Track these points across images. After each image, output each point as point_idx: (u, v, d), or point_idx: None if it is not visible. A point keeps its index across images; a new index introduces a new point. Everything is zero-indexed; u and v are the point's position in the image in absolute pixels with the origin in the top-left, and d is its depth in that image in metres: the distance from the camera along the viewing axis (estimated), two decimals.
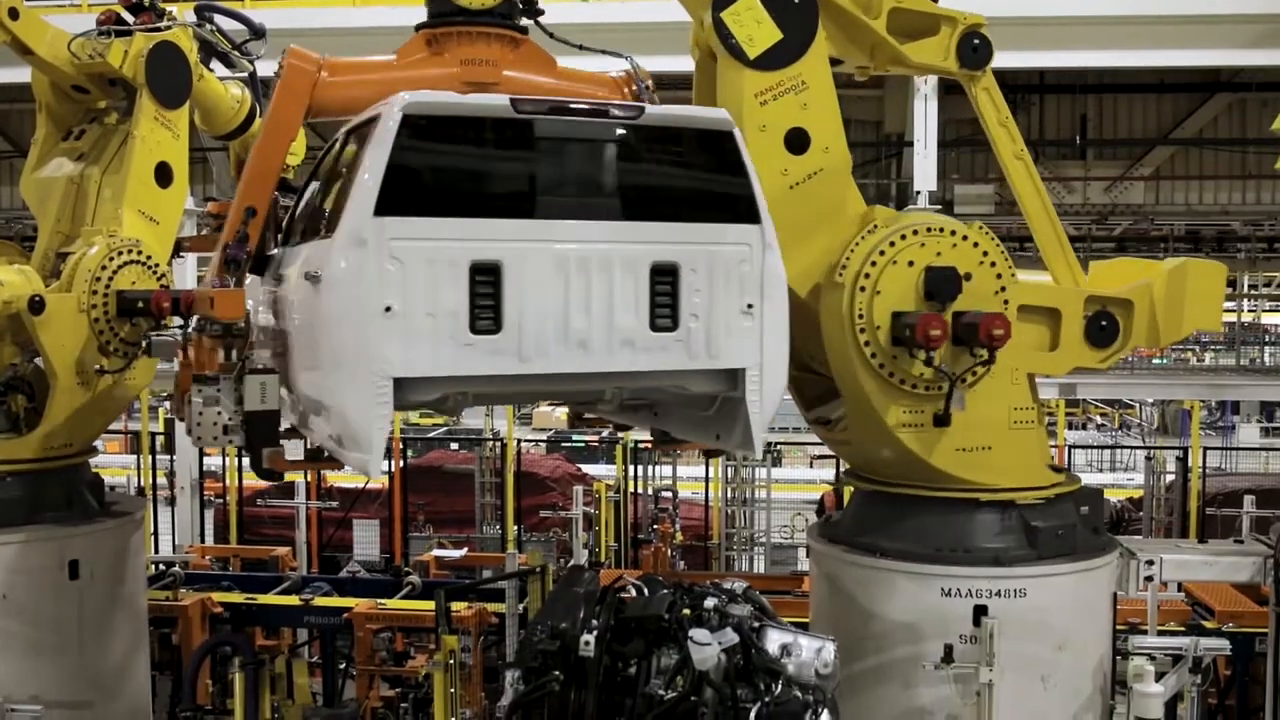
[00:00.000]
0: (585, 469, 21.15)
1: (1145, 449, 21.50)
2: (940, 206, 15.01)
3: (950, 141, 17.76)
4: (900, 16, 7.12)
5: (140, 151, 8.88)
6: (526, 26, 7.01)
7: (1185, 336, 7.94)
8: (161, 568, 11.96)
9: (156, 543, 16.97)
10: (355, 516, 17.31)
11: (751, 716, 5.28)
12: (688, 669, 5.34)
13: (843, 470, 10.32)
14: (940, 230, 6.83)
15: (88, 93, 9.25)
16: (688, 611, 5.70)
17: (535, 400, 6.89)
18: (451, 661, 9.02)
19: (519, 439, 19.46)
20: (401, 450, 18.62)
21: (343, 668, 12.06)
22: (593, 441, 24.78)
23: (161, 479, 17.51)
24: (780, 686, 5.41)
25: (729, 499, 17.50)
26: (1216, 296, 7.83)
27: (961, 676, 6.80)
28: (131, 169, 8.84)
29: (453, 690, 9.02)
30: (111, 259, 8.52)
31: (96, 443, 9.34)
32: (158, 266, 8.82)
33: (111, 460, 22.51)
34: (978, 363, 6.71)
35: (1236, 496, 16.41)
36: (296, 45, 6.76)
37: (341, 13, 14.38)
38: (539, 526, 17.66)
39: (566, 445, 26.27)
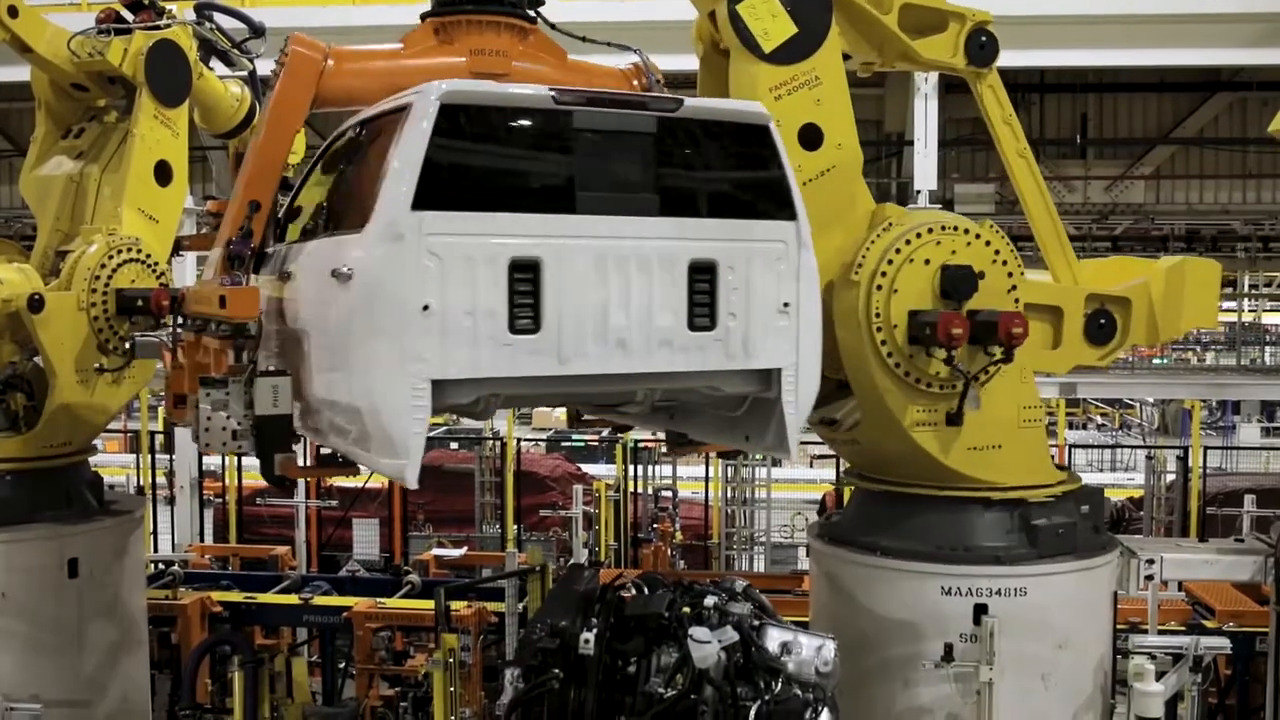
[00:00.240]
0: (585, 468, 21.14)
1: (1146, 448, 21.49)
2: (940, 206, 15.00)
3: (950, 141, 17.76)
4: (910, 12, 7.09)
5: (140, 150, 8.86)
6: (535, 16, 6.81)
7: (1183, 334, 7.94)
8: (161, 567, 11.96)
9: (156, 542, 16.96)
10: (355, 515, 17.30)
11: (751, 715, 5.27)
12: (688, 667, 5.34)
13: (843, 470, 10.31)
14: (954, 228, 6.80)
15: (87, 91, 9.24)
16: (687, 610, 5.69)
17: (567, 403, 6.48)
18: (451, 660, 9.02)
19: (518, 438, 19.45)
20: None
21: (342, 667, 12.07)
22: (592, 441, 24.77)
23: (161, 478, 17.50)
24: (780, 685, 5.40)
25: (729, 498, 17.50)
26: (1213, 294, 7.85)
27: (961, 675, 6.78)
28: (131, 167, 8.83)
29: (452, 689, 9.02)
30: (111, 257, 8.52)
31: (96, 441, 9.34)
32: (157, 265, 8.81)
33: (111, 460, 22.52)
34: (994, 361, 6.67)
35: (1237, 496, 16.42)
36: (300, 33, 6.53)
37: (341, 11, 14.36)
38: (539, 526, 17.67)
39: (566, 445, 26.27)
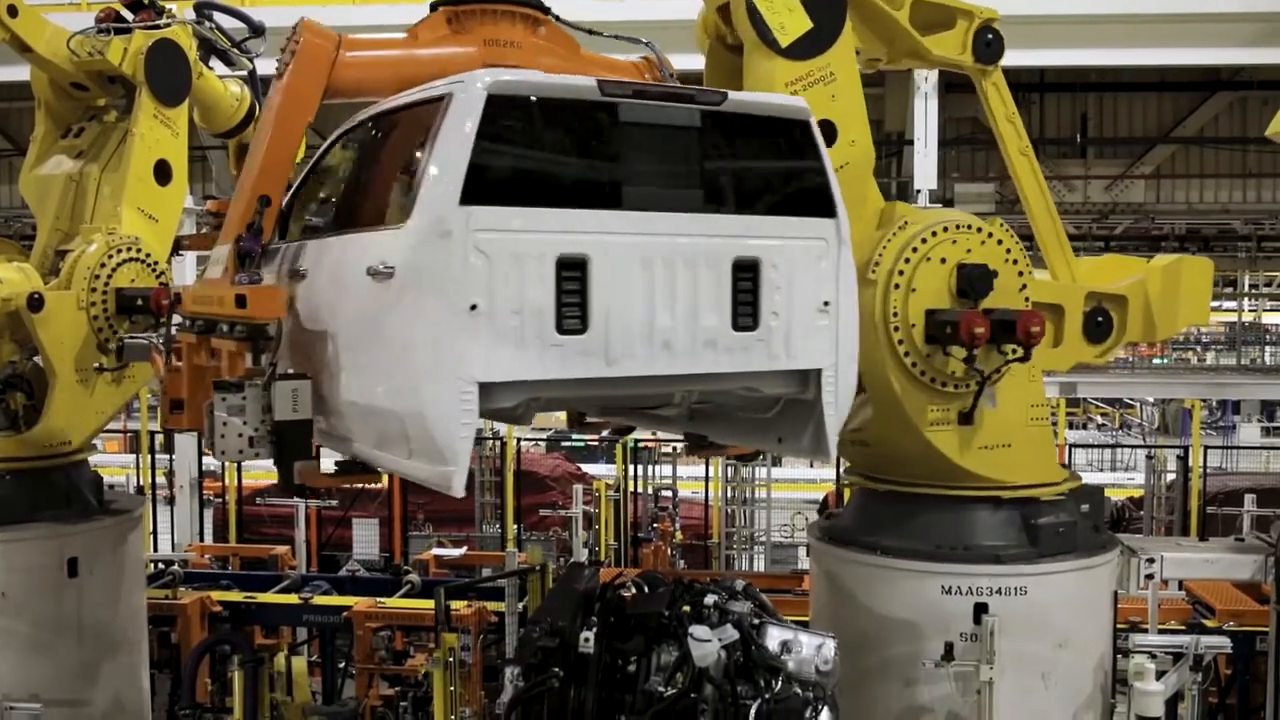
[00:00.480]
0: (585, 468, 21.15)
1: (1146, 448, 21.49)
2: (940, 205, 15.00)
3: (950, 140, 17.75)
4: (921, 9, 7.08)
5: (139, 149, 8.86)
6: (548, 7, 6.63)
7: (1179, 332, 7.94)
8: (160, 566, 11.96)
9: (156, 541, 16.96)
10: (354, 515, 17.30)
11: (752, 713, 5.25)
12: (688, 666, 5.32)
13: (844, 469, 10.30)
14: (969, 227, 6.80)
15: (87, 90, 9.24)
16: (688, 608, 5.67)
17: (606, 406, 6.18)
18: (451, 660, 9.01)
19: (518, 438, 19.44)
20: None
21: (342, 666, 12.06)
22: (592, 441, 24.76)
23: (160, 478, 17.49)
24: (780, 683, 5.38)
25: (729, 498, 17.50)
26: (1207, 293, 7.88)
27: (962, 674, 6.77)
28: (131, 166, 8.83)
29: (452, 689, 9.01)
30: (110, 256, 8.52)
31: (95, 441, 9.34)
32: (157, 264, 8.81)
33: (111, 460, 22.52)
34: (1011, 360, 6.66)
35: (1237, 495, 16.42)
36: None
37: (342, 11, 14.37)
38: (539, 525, 17.67)
39: (566, 444, 26.26)
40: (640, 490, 18.05)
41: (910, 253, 6.64)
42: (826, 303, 5.44)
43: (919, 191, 13.91)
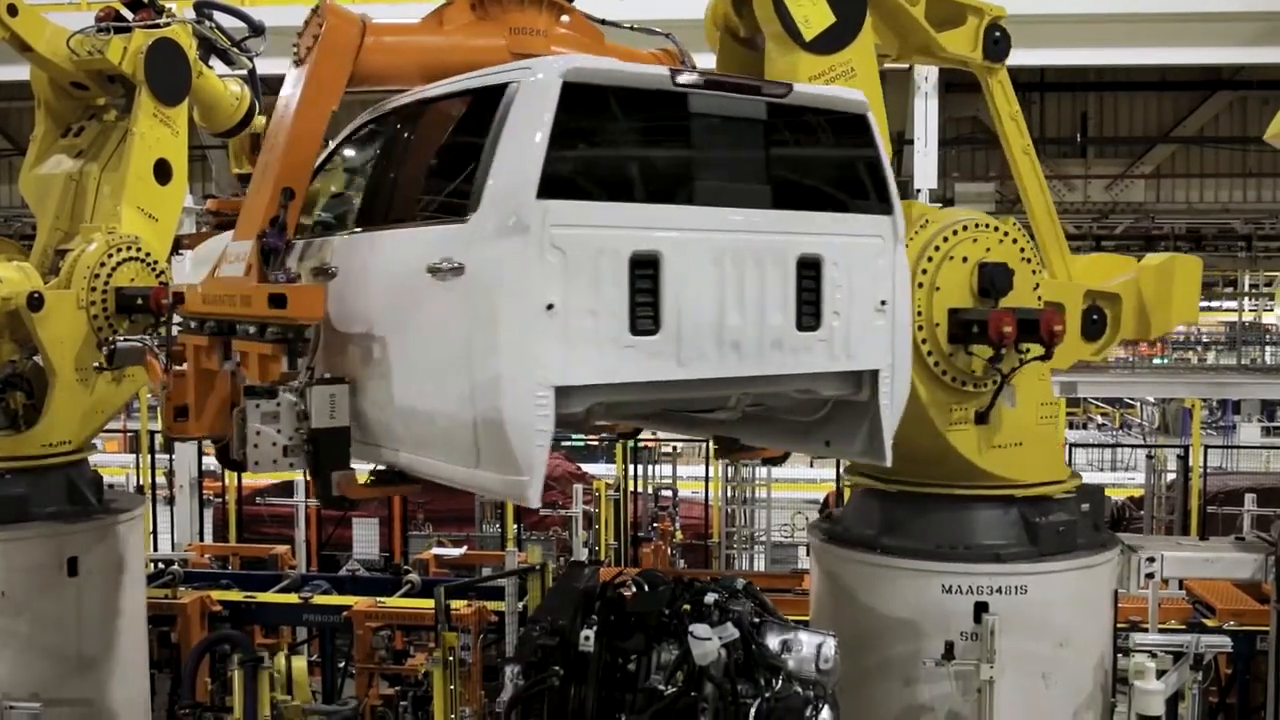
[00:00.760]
0: (585, 468, 21.14)
1: (1146, 447, 21.48)
2: (940, 205, 14.99)
3: (950, 140, 17.74)
4: (936, 6, 7.06)
5: (139, 148, 8.86)
6: None
7: (1171, 329, 7.95)
8: (160, 566, 11.96)
9: (155, 541, 16.95)
10: (354, 515, 17.29)
11: (752, 712, 5.24)
12: (688, 664, 5.30)
13: (845, 469, 10.30)
14: (987, 225, 6.79)
15: (87, 89, 9.23)
16: (688, 607, 5.66)
17: (667, 411, 6.24)
18: (451, 659, 9.01)
19: None
20: None
21: (342, 666, 12.07)
22: (592, 441, 24.75)
23: (160, 478, 17.49)
24: (780, 682, 5.37)
25: (729, 498, 17.49)
26: (1197, 291, 7.89)
27: (962, 673, 6.76)
28: (130, 166, 8.83)
29: (452, 688, 9.01)
30: (110, 256, 8.52)
31: (95, 441, 9.33)
32: (157, 264, 8.81)
33: (110, 459, 22.52)
34: (1032, 359, 6.63)
35: (1237, 495, 16.42)
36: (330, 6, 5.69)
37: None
38: (539, 525, 17.64)
39: (566, 444, 26.26)
40: (640, 490, 18.05)
41: (933, 251, 6.59)
42: (884, 302, 5.32)
43: (919, 191, 13.89)
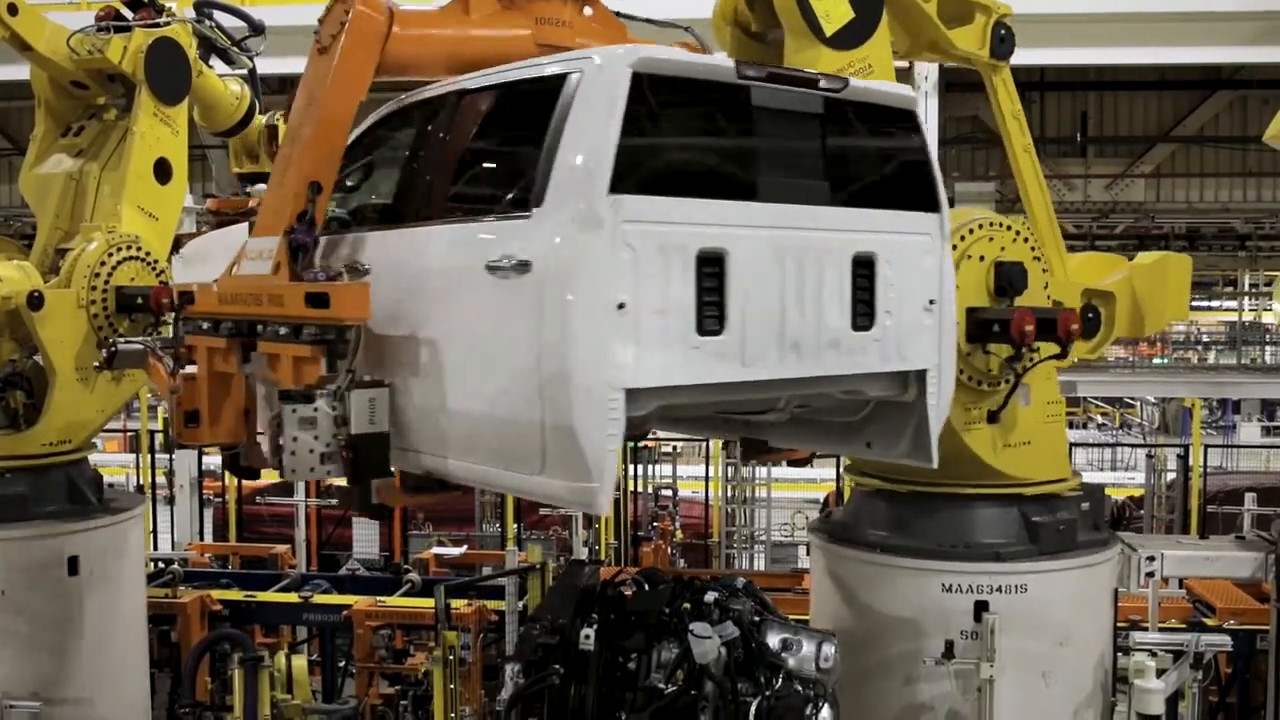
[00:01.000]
0: None
1: (1146, 447, 21.48)
2: None
3: (950, 139, 17.75)
4: (947, 3, 7.06)
5: (139, 147, 8.86)
6: None
7: (1164, 327, 7.97)
8: (160, 565, 11.96)
9: (156, 540, 16.94)
10: (354, 514, 17.28)
11: (752, 711, 5.25)
12: (688, 663, 5.31)
13: (845, 468, 10.30)
14: (1001, 225, 6.79)
15: (87, 89, 9.23)
16: (688, 606, 5.66)
17: (719, 414, 6.08)
18: (451, 658, 9.01)
19: None
20: None
21: (342, 665, 12.06)
22: None
23: (160, 477, 17.49)
24: (781, 681, 5.38)
25: (729, 497, 17.49)
26: (1188, 289, 7.93)
27: (962, 672, 6.77)
28: (130, 165, 8.83)
29: (452, 687, 9.01)
30: (110, 255, 8.52)
31: (95, 440, 9.33)
32: (157, 263, 8.81)
33: (110, 459, 22.51)
34: (1047, 357, 6.63)
35: (1237, 494, 16.40)
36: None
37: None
38: (539, 524, 17.64)
39: None
40: (640, 489, 18.04)
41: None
42: (932, 301, 5.27)
43: None
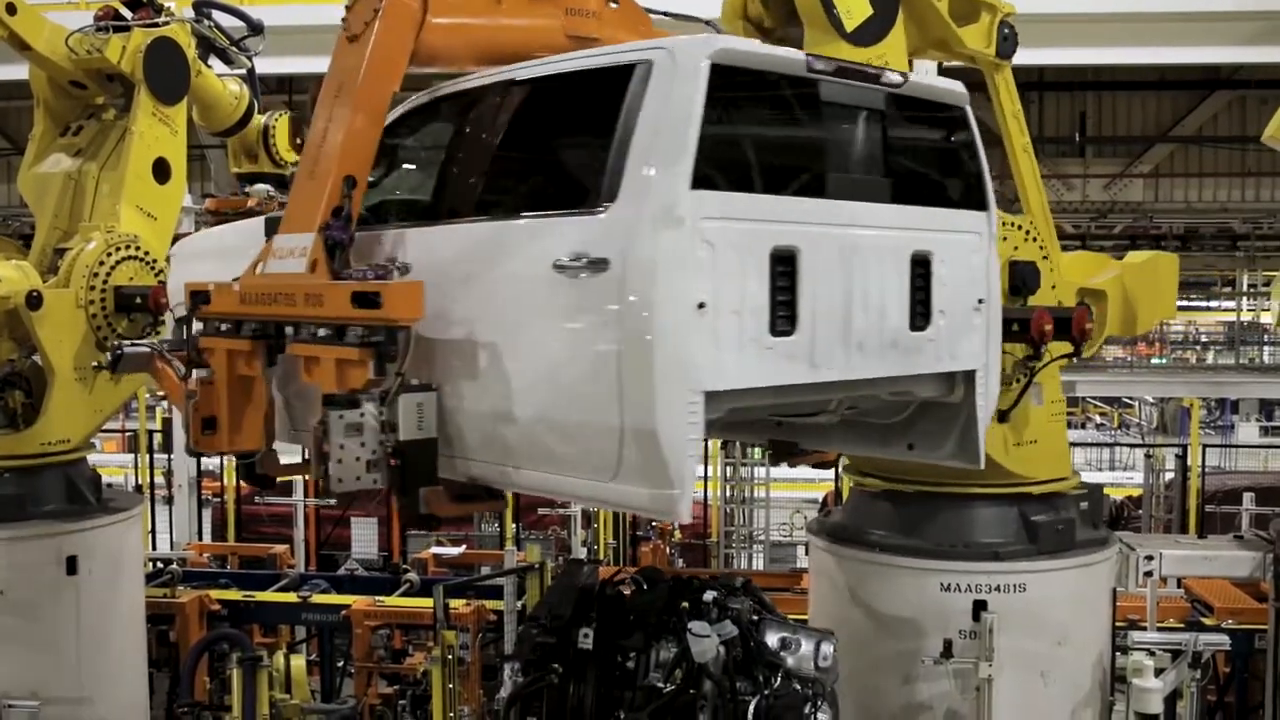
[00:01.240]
0: None
1: (1144, 447, 21.48)
2: None
3: None
4: (955, 1, 7.06)
5: (138, 147, 8.86)
6: None
7: (1154, 326, 8.01)
8: (159, 565, 11.95)
9: (154, 540, 16.93)
10: (353, 514, 17.29)
11: (751, 710, 5.25)
12: (687, 662, 5.31)
13: (843, 467, 10.29)
14: (1014, 224, 6.81)
15: (85, 88, 9.21)
16: (687, 605, 5.66)
17: (773, 416, 5.78)
18: (449, 658, 9.01)
19: None
20: None
21: (341, 665, 12.06)
22: None
23: (159, 477, 17.48)
24: (780, 680, 5.37)
25: (728, 497, 17.49)
26: (1175, 288, 8.00)
27: (961, 672, 6.77)
28: (129, 165, 8.82)
29: (451, 686, 9.01)
30: (109, 254, 8.52)
31: (94, 440, 9.33)
32: (156, 263, 8.81)
33: (109, 459, 22.50)
34: (1061, 356, 6.65)
35: (1236, 494, 16.42)
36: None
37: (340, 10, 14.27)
38: (537, 524, 17.63)
39: None
40: None
41: None
42: (980, 300, 5.22)
43: None
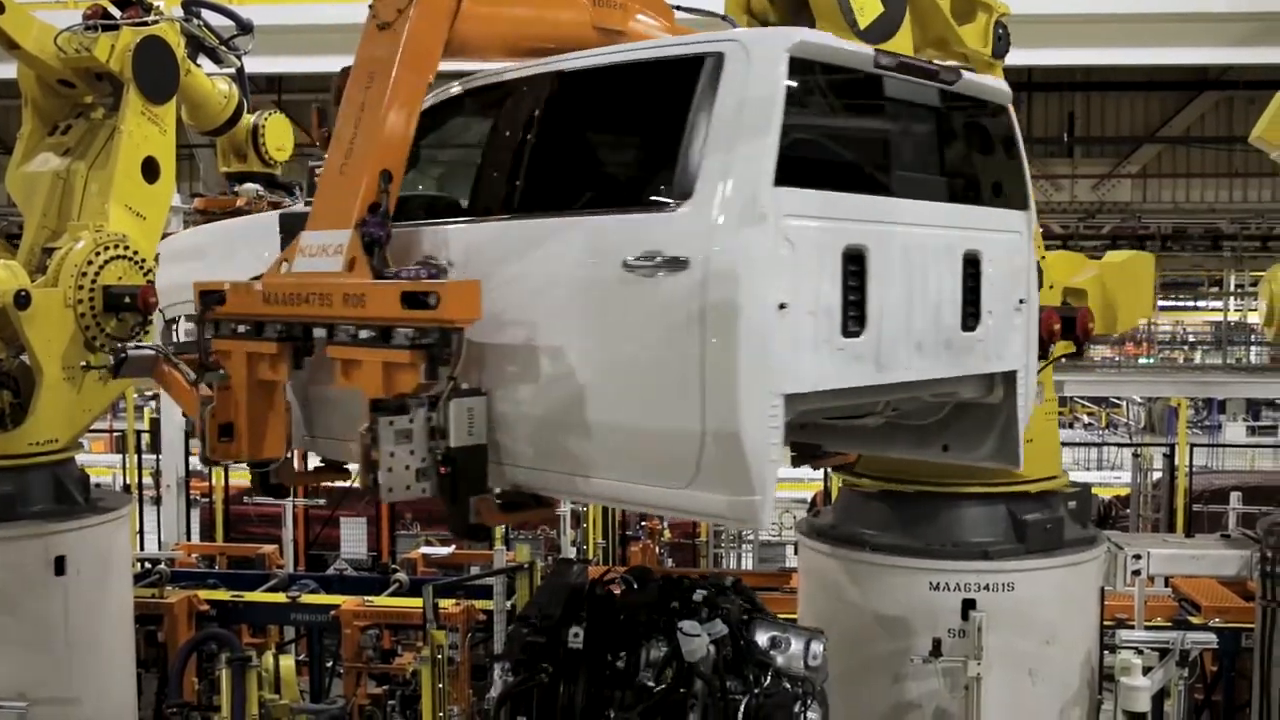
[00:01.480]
0: None
1: (1132, 446, 21.55)
2: None
3: None
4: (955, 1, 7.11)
5: (127, 146, 8.83)
6: None
7: (1132, 325, 8.09)
8: (147, 565, 11.92)
9: (142, 541, 16.89)
10: (342, 514, 17.26)
11: (741, 709, 5.26)
12: (677, 661, 5.31)
13: (835, 468, 10.33)
14: None
15: (74, 87, 9.18)
16: (677, 604, 5.67)
17: (832, 418, 5.59)
18: (439, 658, 9.00)
19: None
20: None
21: (330, 665, 12.03)
22: None
23: (147, 478, 17.43)
24: (770, 679, 5.38)
25: None
26: (1152, 287, 8.12)
27: (949, 670, 6.79)
28: (118, 164, 8.80)
29: (440, 686, 9.00)
30: (98, 254, 8.49)
31: (82, 440, 9.30)
32: (144, 262, 8.78)
33: (97, 459, 22.42)
34: (1061, 355, 6.67)
35: (1223, 493, 16.46)
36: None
37: (340, 9, 14.17)
38: (526, 524, 17.61)
39: None
40: None
41: None
42: (1021, 300, 5.19)
43: None
